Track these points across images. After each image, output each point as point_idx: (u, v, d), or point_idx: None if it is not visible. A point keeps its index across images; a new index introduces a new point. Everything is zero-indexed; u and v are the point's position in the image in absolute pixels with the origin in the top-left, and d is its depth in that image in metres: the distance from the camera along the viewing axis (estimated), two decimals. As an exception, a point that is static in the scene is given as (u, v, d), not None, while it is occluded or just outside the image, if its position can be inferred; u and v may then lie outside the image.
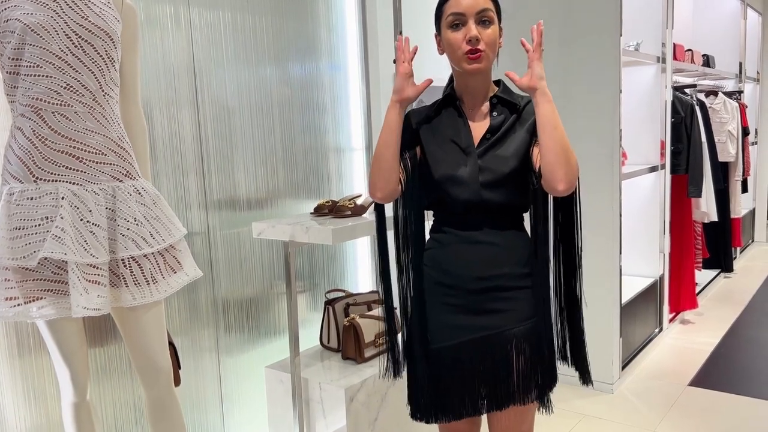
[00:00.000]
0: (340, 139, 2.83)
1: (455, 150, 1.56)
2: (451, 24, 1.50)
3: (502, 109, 1.58)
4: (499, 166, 1.53)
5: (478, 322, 1.56)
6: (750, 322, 4.29)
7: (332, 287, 2.77)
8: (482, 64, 1.49)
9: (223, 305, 2.42)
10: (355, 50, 2.84)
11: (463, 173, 1.53)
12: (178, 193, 2.26)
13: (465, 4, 1.47)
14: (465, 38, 1.47)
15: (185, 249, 1.72)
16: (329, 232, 2.04)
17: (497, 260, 1.56)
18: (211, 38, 2.32)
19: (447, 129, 1.58)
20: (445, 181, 1.54)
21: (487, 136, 1.55)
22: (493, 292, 1.55)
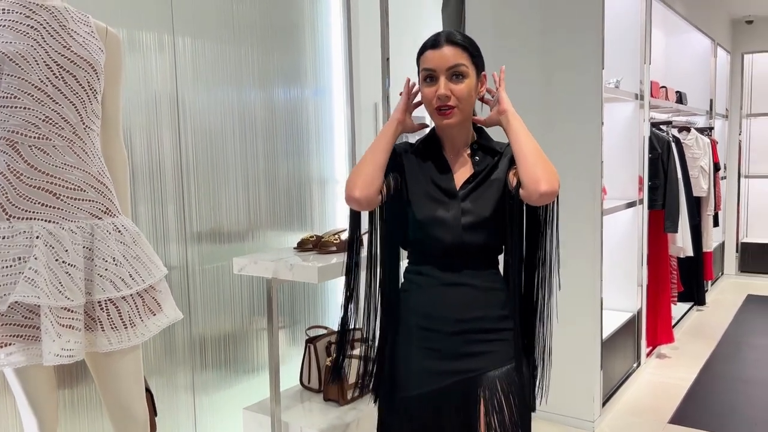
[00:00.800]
0: (323, 170, 2.78)
1: (437, 193, 1.56)
2: (424, 78, 1.52)
3: (483, 155, 1.60)
4: (480, 209, 1.54)
5: (457, 366, 1.54)
6: (724, 356, 4.31)
7: (313, 323, 2.69)
8: (453, 119, 1.51)
9: (200, 341, 2.33)
10: (341, 79, 2.80)
11: (445, 216, 1.54)
12: (157, 224, 2.17)
13: (435, 59, 1.49)
14: (435, 94, 1.49)
15: (165, 289, 1.64)
16: (314, 271, 1.97)
17: (477, 302, 1.56)
18: (195, 65, 2.26)
19: (430, 171, 1.59)
20: (429, 223, 1.54)
21: (469, 181, 1.56)
22: (472, 334, 1.54)
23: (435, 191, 1.56)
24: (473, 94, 1.53)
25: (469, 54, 1.52)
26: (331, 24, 2.76)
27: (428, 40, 1.55)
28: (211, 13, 2.32)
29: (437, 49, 1.50)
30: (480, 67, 1.56)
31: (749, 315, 5.37)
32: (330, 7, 2.76)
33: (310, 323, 2.72)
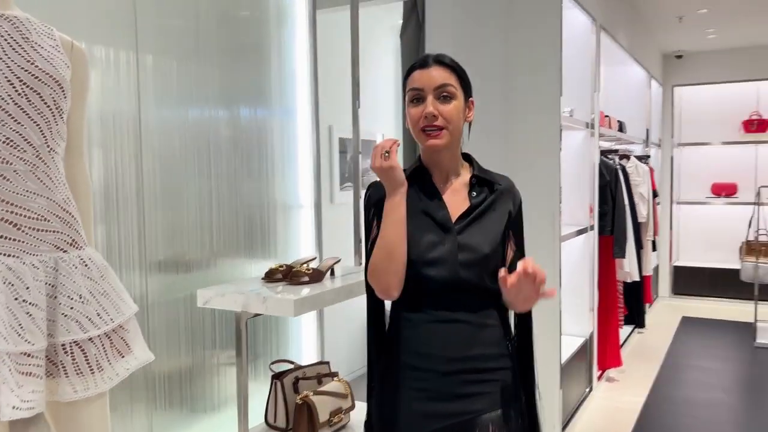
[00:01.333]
0: (288, 195, 2.67)
1: (431, 225, 1.48)
2: (411, 99, 1.46)
3: (481, 188, 1.53)
4: (479, 245, 1.46)
5: (451, 408, 1.45)
6: (668, 379, 4.43)
7: (275, 357, 2.56)
8: (441, 140, 1.44)
9: (158, 378, 2.15)
10: (306, 101, 2.72)
11: (441, 251, 1.45)
12: (112, 252, 2.00)
13: (424, 79, 1.44)
14: (422, 114, 1.43)
15: (135, 329, 1.49)
16: (290, 304, 1.86)
17: (472, 340, 1.47)
18: (157, 83, 2.12)
19: (419, 203, 1.50)
20: (424, 259, 1.44)
21: (465, 214, 1.49)
22: (467, 374, 1.46)
23: (428, 225, 1.47)
24: (461, 116, 1.47)
25: (457, 75, 1.47)
26: (296, 45, 2.68)
27: (416, 61, 1.50)
28: (176, 30, 2.20)
29: (425, 68, 1.45)
30: (468, 92, 1.51)
31: (686, 336, 5.56)
32: (296, 27, 2.68)
33: (272, 357, 2.59)
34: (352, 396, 2.32)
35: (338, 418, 2.22)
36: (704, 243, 7.15)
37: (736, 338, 5.46)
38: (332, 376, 2.40)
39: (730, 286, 6.74)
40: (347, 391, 2.30)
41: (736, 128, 6.88)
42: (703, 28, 5.77)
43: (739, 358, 4.93)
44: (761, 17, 5.45)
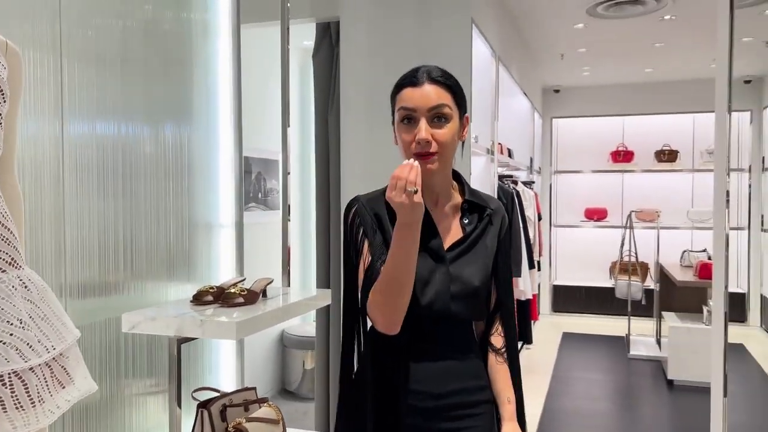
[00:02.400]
0: (209, 214, 2.56)
1: (422, 253, 1.36)
2: (401, 118, 1.36)
3: (472, 216, 1.45)
4: (470, 277, 1.40)
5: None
6: (559, 391, 4.71)
7: (195, 384, 2.42)
8: (434, 165, 1.34)
9: (75, 410, 1.96)
10: (228, 120, 2.63)
11: (434, 282, 1.37)
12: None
13: (416, 98, 1.33)
14: (416, 138, 1.32)
15: (76, 356, 1.36)
16: (233, 326, 1.77)
17: (455, 374, 1.41)
18: (80, 94, 1.97)
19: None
20: (416, 288, 1.34)
21: (458, 243, 1.41)
22: (450, 410, 1.40)
23: (420, 252, 1.34)
24: (456, 138, 1.37)
25: (452, 94, 1.37)
26: (219, 60, 2.60)
27: (405, 76, 1.38)
28: (101, 41, 2.06)
29: (417, 86, 1.33)
30: (463, 108, 1.40)
31: (569, 351, 5.95)
32: (218, 45, 2.60)
33: (190, 385, 2.44)
34: (283, 422, 2.24)
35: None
36: (579, 263, 7.71)
37: (612, 351, 5.92)
38: (260, 402, 2.31)
39: (604, 303, 7.31)
40: (279, 417, 2.22)
41: (605, 158, 7.53)
42: (580, 65, 6.31)
43: (616, 369, 5.34)
44: (628, 59, 6.06)
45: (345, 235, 1.46)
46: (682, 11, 4.48)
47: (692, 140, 7.33)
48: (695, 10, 4.43)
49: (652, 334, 6.09)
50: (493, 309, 1.50)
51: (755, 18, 4.61)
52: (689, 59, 6.00)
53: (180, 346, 1.87)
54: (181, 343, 1.87)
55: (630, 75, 6.79)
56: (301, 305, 2.13)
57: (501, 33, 4.38)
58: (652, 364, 5.47)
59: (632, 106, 7.28)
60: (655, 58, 6.00)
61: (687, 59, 6.01)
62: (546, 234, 7.52)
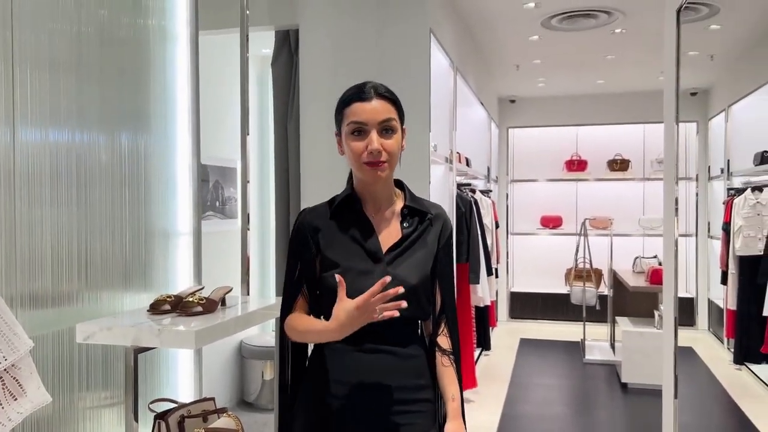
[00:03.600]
0: (167, 222, 2.52)
1: (361, 255, 1.48)
2: (352, 131, 1.45)
3: (412, 219, 1.54)
4: (407, 276, 1.46)
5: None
6: (517, 397, 4.77)
7: (152, 396, 2.37)
8: (383, 173, 1.45)
9: (25, 425, 1.90)
10: (186, 127, 2.60)
11: (371, 281, 1.39)
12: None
13: (367, 113, 1.43)
14: (366, 148, 1.42)
15: (29, 366, 1.32)
16: (191, 335, 1.75)
17: (397, 372, 1.48)
18: (33, 100, 1.92)
19: (350, 231, 1.50)
20: (353, 288, 1.39)
21: (396, 245, 1.50)
22: (392, 405, 1.46)
23: (358, 254, 1.47)
24: (400, 148, 1.49)
25: (396, 108, 1.49)
26: (177, 69, 2.57)
27: (352, 91, 1.47)
28: (56, 45, 2.01)
29: (367, 101, 1.44)
30: (403, 121, 1.52)
31: (526, 357, 6.04)
32: (176, 52, 2.57)
33: (147, 397, 2.39)
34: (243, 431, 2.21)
35: (231, 455, 2.10)
36: (536, 270, 7.85)
37: (568, 356, 6.04)
38: (218, 413, 2.28)
39: (560, 309, 7.46)
40: (238, 427, 2.19)
41: (559, 167, 7.71)
42: (536, 76, 6.46)
43: (572, 374, 5.45)
44: (581, 71, 6.23)
45: (291, 242, 1.58)
46: (631, 25, 4.64)
47: (643, 150, 7.57)
48: (644, 24, 4.59)
49: (607, 338, 6.24)
50: (439, 311, 1.57)
51: (701, 32, 4.81)
52: (639, 71, 6.21)
53: (137, 357, 1.83)
54: (138, 353, 1.84)
55: (583, 86, 6.98)
56: (260, 314, 2.12)
57: (458, 44, 4.46)
58: (606, 368, 5.60)
59: (585, 116, 7.49)
60: (607, 70, 6.19)
61: (637, 71, 6.22)
62: (503, 241, 7.64)
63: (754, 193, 5.10)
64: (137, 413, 1.83)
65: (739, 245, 5.10)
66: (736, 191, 5.43)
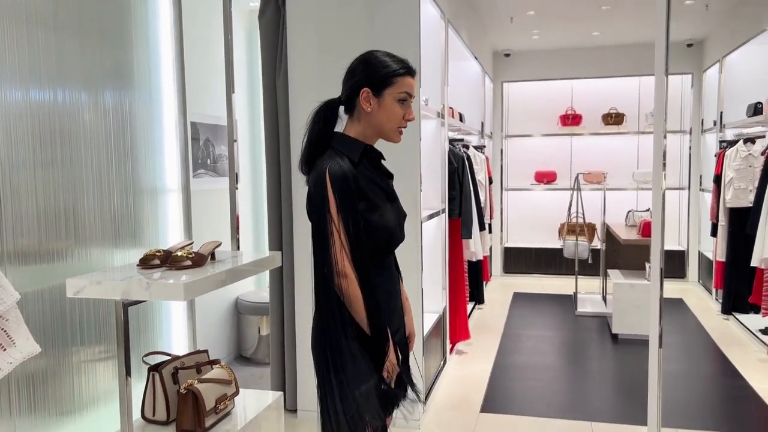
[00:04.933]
0: (155, 179, 2.52)
1: (384, 196, 1.74)
2: (399, 99, 1.69)
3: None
4: (402, 211, 1.84)
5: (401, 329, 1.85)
6: (509, 348, 4.86)
7: (144, 350, 2.42)
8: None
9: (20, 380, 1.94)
10: (171, 84, 2.58)
11: (397, 217, 1.77)
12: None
13: (413, 88, 1.71)
14: (404, 116, 1.71)
15: (17, 318, 1.35)
16: (180, 287, 1.78)
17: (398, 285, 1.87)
18: (11, 57, 1.90)
19: (377, 177, 1.74)
20: (393, 226, 1.72)
21: (392, 186, 1.83)
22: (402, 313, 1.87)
23: (382, 195, 1.73)
24: None
25: None
26: (160, 24, 2.53)
27: (402, 65, 1.69)
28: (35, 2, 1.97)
29: (413, 77, 1.70)
30: None
31: (519, 310, 6.13)
32: (158, 6, 2.52)
33: (141, 351, 2.44)
34: (236, 381, 2.27)
35: (224, 404, 2.16)
36: (529, 225, 7.90)
37: (560, 309, 6.13)
38: (212, 364, 2.33)
39: (552, 264, 7.54)
40: (231, 377, 2.25)
41: (554, 122, 7.67)
42: (530, 29, 6.36)
43: (564, 326, 5.54)
44: (576, 23, 6.14)
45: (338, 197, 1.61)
46: (626, -26, 4.55)
47: (638, 103, 7.52)
48: (639, -26, 4.50)
49: (599, 291, 6.33)
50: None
51: (696, -18, 4.72)
52: (634, 23, 6.12)
53: (127, 310, 1.86)
54: (128, 306, 1.87)
55: (578, 39, 6.88)
56: (251, 267, 2.14)
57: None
58: (598, 319, 5.69)
59: (580, 69, 7.41)
60: (602, 22, 6.10)
61: (632, 23, 6.12)
62: (497, 197, 7.65)
63: (746, 145, 5.09)
64: (129, 366, 1.87)
65: (729, 197, 5.12)
66: (728, 143, 5.43)
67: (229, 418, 2.21)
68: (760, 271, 4.59)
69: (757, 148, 5.05)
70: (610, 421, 3.46)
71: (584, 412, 3.59)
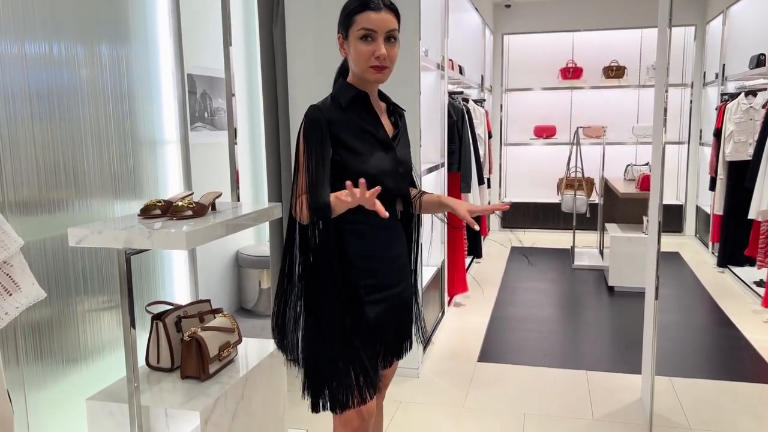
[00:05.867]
0: (153, 131, 2.50)
1: (374, 143, 1.68)
2: (361, 37, 1.61)
3: (395, 116, 1.82)
4: (407, 159, 1.79)
5: (394, 291, 1.77)
6: (506, 301, 4.93)
7: (147, 299, 2.44)
8: (384, 76, 1.66)
9: (26, 328, 1.97)
10: (167, 35, 2.54)
11: (388, 164, 1.69)
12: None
13: (377, 21, 1.60)
14: (373, 53, 1.60)
15: (21, 263, 1.36)
16: (181, 236, 1.79)
17: (397, 242, 1.79)
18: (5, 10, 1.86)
19: (362, 122, 1.69)
20: (377, 173, 1.64)
21: (395, 135, 1.77)
22: (397, 268, 1.78)
23: (372, 142, 1.67)
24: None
25: (398, 20, 1.66)
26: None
27: (363, 0, 1.61)
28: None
29: (378, 12, 1.60)
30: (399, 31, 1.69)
31: (516, 264, 6.18)
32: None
33: (143, 300, 2.47)
34: (238, 330, 2.30)
35: (227, 351, 2.20)
36: (528, 180, 7.89)
37: (558, 263, 6.18)
38: (214, 313, 2.36)
39: (550, 218, 7.56)
40: (234, 326, 2.28)
41: (555, 75, 7.58)
42: (531, -21, 6.22)
43: (561, 279, 5.60)
44: (579, -28, 6.00)
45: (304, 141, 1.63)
46: None
47: (639, 56, 7.43)
48: None
49: (596, 245, 6.37)
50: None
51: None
52: (638, -27, 5.98)
53: (129, 259, 1.88)
54: (130, 256, 1.88)
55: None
56: (252, 217, 2.15)
57: (450, -57, 4.27)
58: (594, 273, 5.75)
59: (582, 21, 7.28)
60: (605, -28, 5.97)
61: (636, -27, 5.99)
62: (496, 152, 7.63)
63: (748, 98, 5.05)
64: (134, 316, 1.90)
65: (729, 150, 5.11)
66: (730, 96, 5.38)
67: (232, 365, 2.25)
68: (756, 223, 4.62)
69: (758, 101, 5.01)
70: (606, 371, 3.53)
71: (580, 362, 3.66)
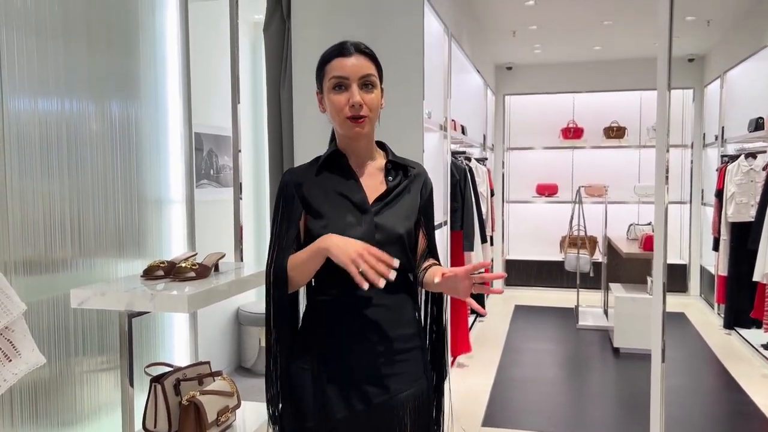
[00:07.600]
0: (158, 191, 2.53)
1: (348, 207, 1.50)
2: (333, 86, 1.48)
3: (396, 172, 1.58)
4: (394, 226, 1.51)
5: (371, 390, 1.47)
6: (511, 361, 4.85)
7: (146, 361, 2.41)
8: (365, 129, 1.49)
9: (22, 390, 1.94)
10: (177, 95, 2.59)
11: (359, 231, 1.46)
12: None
13: (348, 68, 1.46)
14: (348, 102, 1.45)
15: (23, 329, 1.35)
16: (184, 299, 1.78)
17: (388, 322, 1.50)
18: (21, 67, 1.91)
19: (336, 186, 1.52)
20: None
21: (382, 197, 1.53)
22: (385, 355, 1.49)
23: (345, 206, 1.49)
24: (380, 104, 1.52)
25: (376, 65, 1.52)
26: (167, 36, 2.55)
27: (333, 49, 1.50)
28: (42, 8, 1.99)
29: (347, 57, 1.47)
30: (382, 79, 1.55)
31: (521, 323, 6.11)
32: (166, 18, 2.55)
33: (143, 362, 2.44)
34: (238, 394, 2.26)
35: (225, 416, 2.16)
36: (531, 238, 7.90)
37: (562, 322, 6.11)
38: (214, 376, 2.32)
39: (554, 277, 7.53)
40: (233, 389, 2.24)
41: (556, 135, 7.69)
42: (532, 43, 6.39)
43: (565, 339, 5.52)
44: (578, 37, 6.17)
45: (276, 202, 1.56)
46: (628, -10, 4.59)
47: (639, 117, 7.55)
48: (641, -11, 4.54)
49: (600, 305, 6.31)
50: (426, 255, 1.64)
51: (697, -3, 4.75)
52: (636, 37, 6.15)
53: (131, 321, 1.86)
54: (132, 318, 1.87)
55: (580, 53, 6.92)
56: (254, 279, 2.15)
57: (453, 9, 4.41)
58: (599, 333, 5.68)
59: (582, 83, 7.44)
60: (604, 36, 6.13)
61: (633, 37, 6.16)
62: (499, 210, 7.66)
63: (748, 160, 5.10)
64: (133, 377, 1.87)
65: (731, 212, 5.12)
66: (730, 158, 5.44)
67: (230, 431, 2.20)
68: (761, 286, 4.58)
69: (758, 163, 5.06)
70: (612, 436, 3.44)
71: (586, 427, 3.57)
